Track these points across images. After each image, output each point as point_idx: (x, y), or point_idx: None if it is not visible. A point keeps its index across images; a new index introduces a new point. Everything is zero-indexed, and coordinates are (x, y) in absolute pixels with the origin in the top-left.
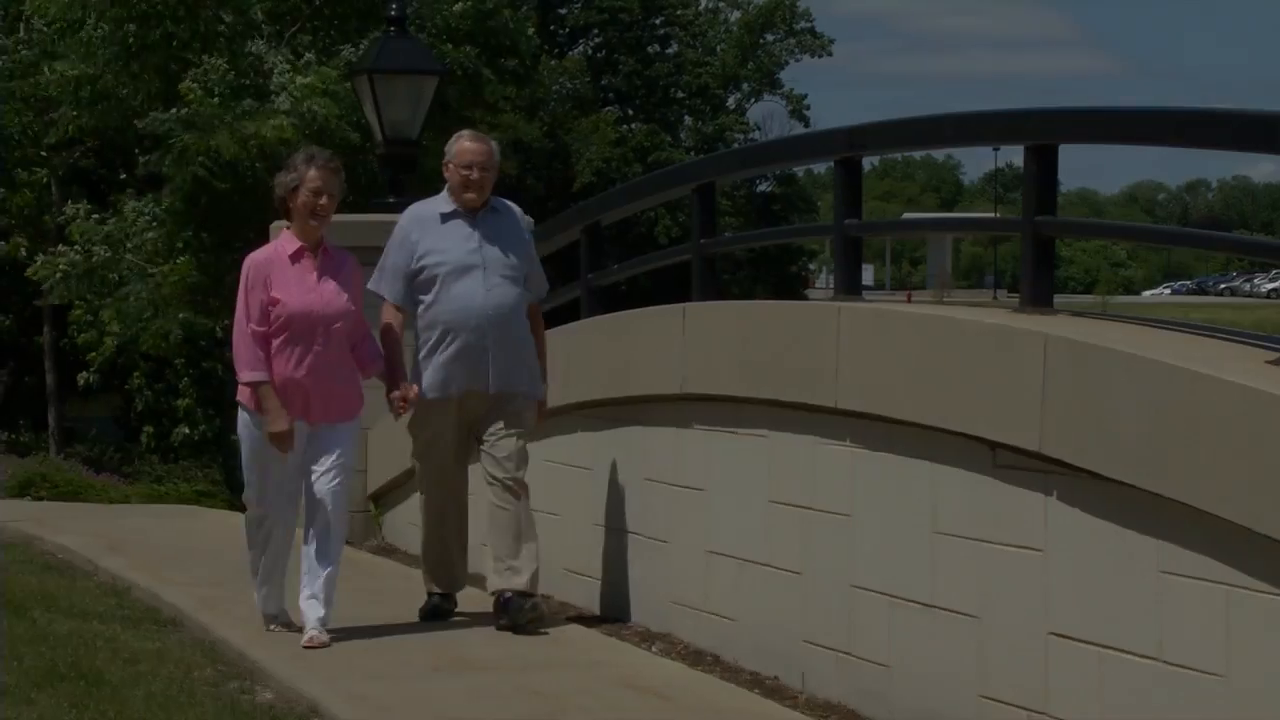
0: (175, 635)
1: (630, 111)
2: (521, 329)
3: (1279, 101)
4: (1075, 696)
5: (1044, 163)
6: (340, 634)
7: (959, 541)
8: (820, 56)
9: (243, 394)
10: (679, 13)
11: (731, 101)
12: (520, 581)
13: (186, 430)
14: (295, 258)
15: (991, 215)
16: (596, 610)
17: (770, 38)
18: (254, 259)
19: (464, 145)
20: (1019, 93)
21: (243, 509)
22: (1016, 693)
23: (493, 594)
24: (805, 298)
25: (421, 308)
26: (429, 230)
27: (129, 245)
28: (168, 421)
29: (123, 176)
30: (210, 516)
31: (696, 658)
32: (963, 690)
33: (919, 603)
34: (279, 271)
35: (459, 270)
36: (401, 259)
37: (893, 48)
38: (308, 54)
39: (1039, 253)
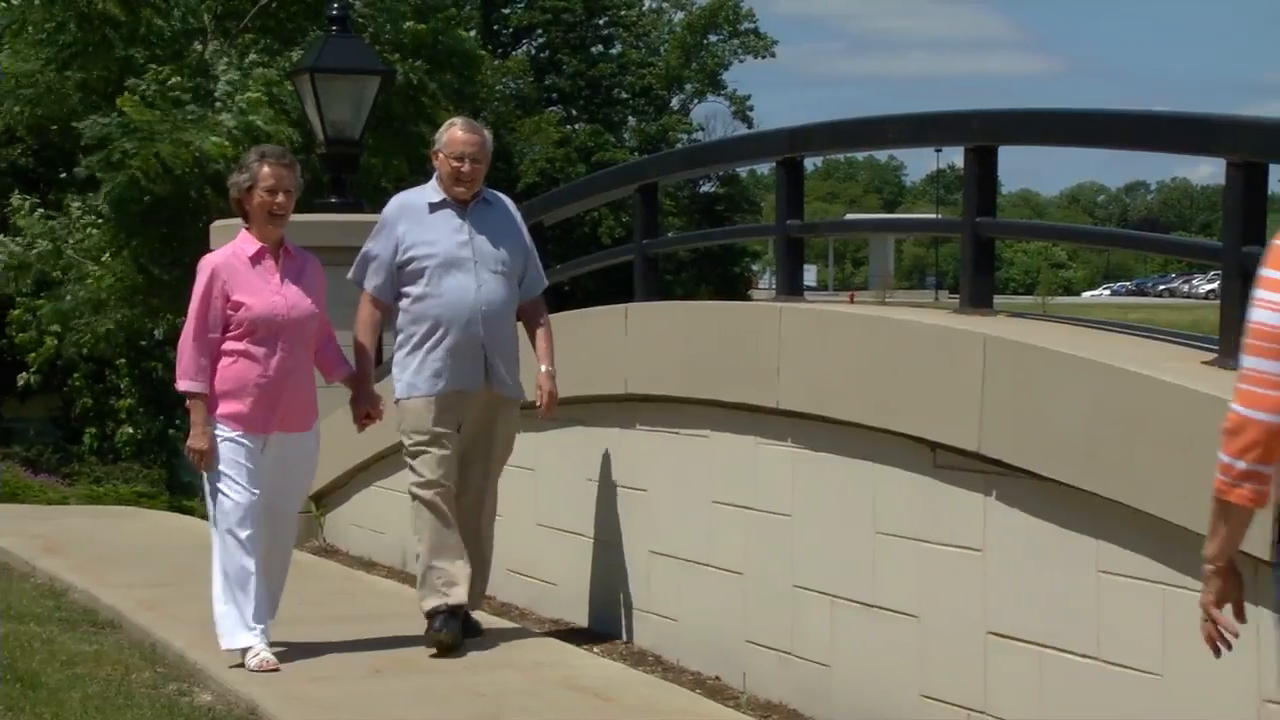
0: (113, 637)
1: (574, 112)
2: (510, 328)
3: (1220, 103)
4: (1014, 696)
5: (985, 164)
6: (281, 635)
7: (899, 541)
8: (763, 57)
9: (211, 404)
10: (623, 13)
11: (675, 102)
12: (461, 600)
13: (130, 430)
14: (256, 259)
15: (933, 216)
16: (539, 611)
17: (714, 38)
18: (210, 261)
19: (455, 135)
20: (960, 94)
21: (184, 510)
22: (956, 692)
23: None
24: (748, 298)
25: (407, 300)
26: (416, 220)
27: (70, 242)
28: (110, 422)
29: (63, 175)
30: (150, 517)
31: (639, 658)
32: (903, 690)
33: (860, 602)
34: (239, 274)
35: (449, 263)
36: (386, 250)
37: (834, 49)
38: (251, 53)
39: (979, 254)
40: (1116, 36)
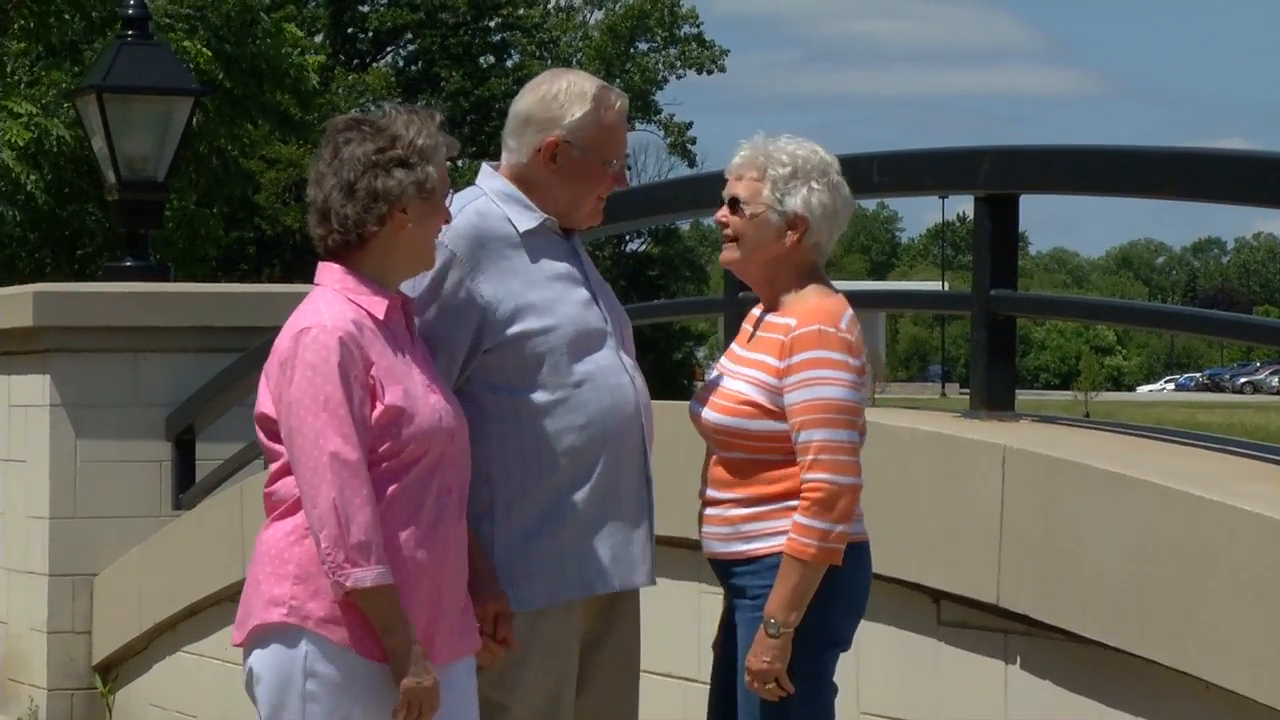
0: None
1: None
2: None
3: None
4: None
5: (1002, 217)
6: None
7: None
8: (709, 72)
9: (306, 610)
10: (520, 13)
11: None
12: None
13: None
14: (389, 322)
15: (935, 287)
16: None
17: (644, 46)
18: (331, 329)
19: (615, 115)
20: (968, 119)
21: None
22: None
23: None
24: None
25: (510, 414)
26: (505, 260)
27: None
28: None
29: None
30: None
31: None
32: None
33: None
34: (379, 352)
35: (583, 343)
36: (462, 324)
37: (790, 60)
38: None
39: (995, 337)
40: (1163, 50)
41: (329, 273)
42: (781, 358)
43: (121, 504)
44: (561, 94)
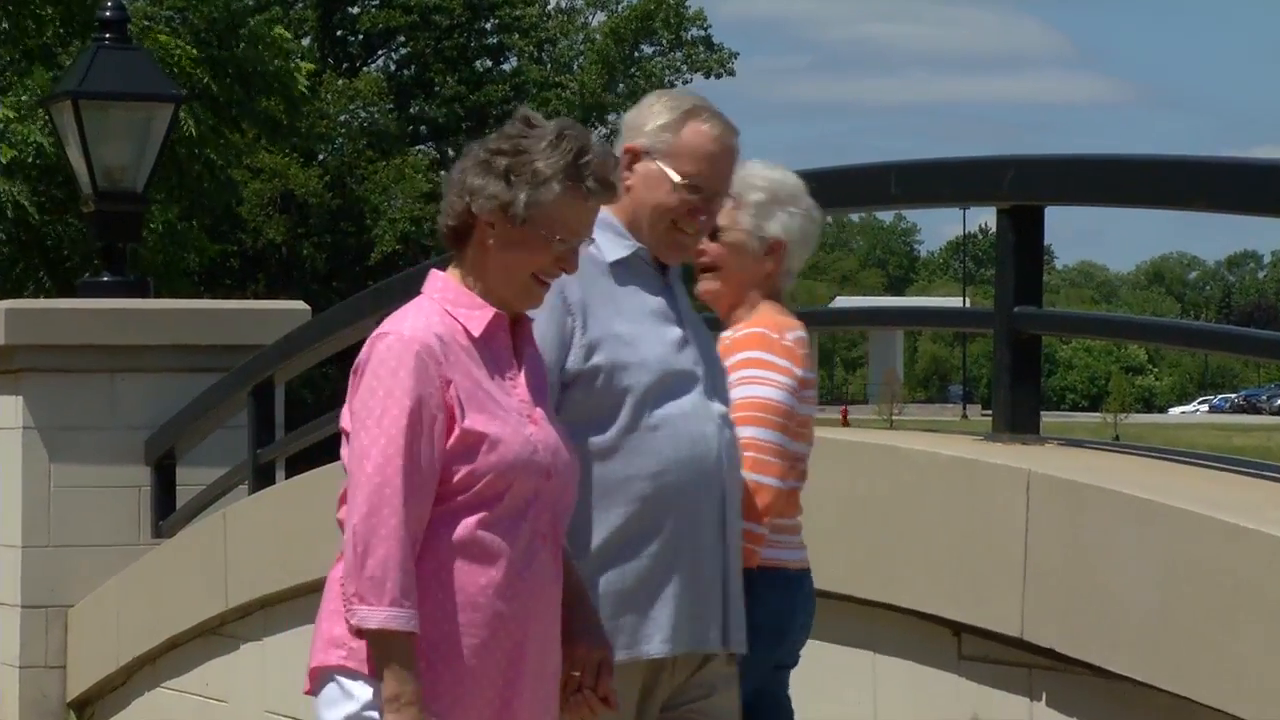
0: None
1: (451, 152)
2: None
3: None
4: None
5: (1026, 230)
6: None
7: None
8: (718, 76)
9: (363, 652)
10: (518, 13)
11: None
12: None
13: None
14: (486, 342)
15: (955, 303)
16: None
17: (649, 49)
18: (411, 340)
19: (702, 137)
20: (990, 127)
21: None
22: None
23: None
24: None
25: (581, 456)
26: (598, 290)
27: None
28: None
29: None
30: None
31: None
32: None
33: None
34: (465, 372)
35: (669, 387)
36: (549, 347)
37: (799, 66)
38: None
39: (1019, 356)
40: (1193, 55)
41: (433, 281)
42: (724, 359)
43: (98, 532)
44: (658, 103)
